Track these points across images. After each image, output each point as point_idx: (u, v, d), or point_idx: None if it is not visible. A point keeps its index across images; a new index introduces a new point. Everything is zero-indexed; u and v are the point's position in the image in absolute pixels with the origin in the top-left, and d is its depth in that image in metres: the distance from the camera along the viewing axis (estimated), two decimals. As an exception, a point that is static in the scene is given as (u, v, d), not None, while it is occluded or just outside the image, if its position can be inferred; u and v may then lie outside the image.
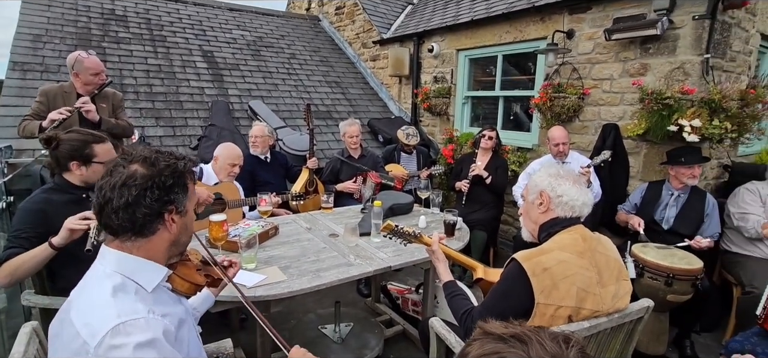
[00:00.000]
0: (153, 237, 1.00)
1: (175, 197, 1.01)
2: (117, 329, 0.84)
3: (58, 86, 2.87)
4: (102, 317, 0.86)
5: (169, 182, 0.99)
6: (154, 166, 0.98)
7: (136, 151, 1.00)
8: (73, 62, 2.78)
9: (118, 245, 0.98)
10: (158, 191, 0.97)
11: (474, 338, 0.66)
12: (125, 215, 0.94)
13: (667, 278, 2.44)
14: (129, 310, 0.89)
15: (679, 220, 2.89)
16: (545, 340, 0.60)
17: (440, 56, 5.27)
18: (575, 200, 1.46)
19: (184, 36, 5.60)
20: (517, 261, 1.34)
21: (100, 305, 0.89)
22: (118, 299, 0.90)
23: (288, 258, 2.11)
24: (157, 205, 0.97)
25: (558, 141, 3.28)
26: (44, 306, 1.75)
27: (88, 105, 2.68)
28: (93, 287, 0.94)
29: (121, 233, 0.97)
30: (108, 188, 0.95)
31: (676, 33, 3.08)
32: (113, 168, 0.98)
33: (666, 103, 2.91)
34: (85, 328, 0.86)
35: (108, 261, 0.97)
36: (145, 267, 0.99)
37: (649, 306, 1.49)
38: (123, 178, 0.95)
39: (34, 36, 4.44)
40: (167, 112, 4.38)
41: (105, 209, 0.95)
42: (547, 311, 1.30)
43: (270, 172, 3.56)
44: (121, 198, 0.94)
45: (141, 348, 0.85)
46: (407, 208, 3.02)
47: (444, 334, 1.66)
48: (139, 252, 0.99)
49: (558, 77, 3.88)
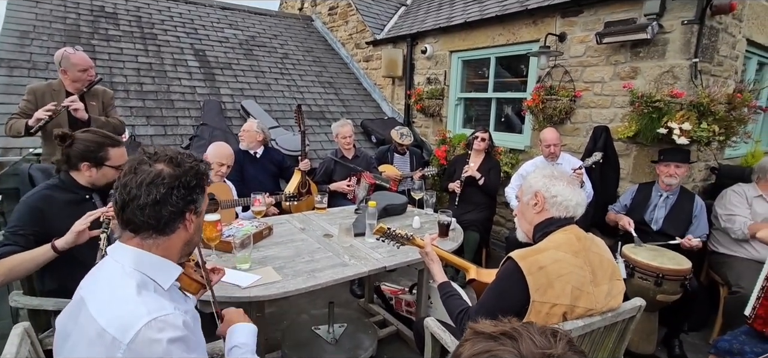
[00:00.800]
0: (172, 236, 1.02)
1: (197, 197, 1.04)
2: (150, 324, 0.87)
3: (46, 84, 2.82)
4: (132, 314, 0.88)
5: (193, 183, 1.02)
6: (179, 166, 1.01)
7: (160, 151, 1.02)
8: (60, 59, 2.73)
9: (137, 243, 0.99)
10: (184, 190, 1.00)
11: (465, 338, 0.67)
12: (152, 212, 0.96)
13: (656, 278, 2.48)
14: (158, 306, 0.91)
15: (668, 221, 2.94)
16: (534, 334, 0.61)
17: (433, 58, 5.29)
18: (569, 200, 1.48)
19: (175, 34, 5.55)
20: (514, 260, 1.36)
21: (127, 302, 0.90)
22: (144, 296, 0.92)
23: (282, 258, 2.10)
24: (181, 204, 1.00)
25: (549, 143, 3.32)
26: (33, 307, 1.72)
27: (75, 103, 2.63)
28: (113, 284, 0.95)
29: (143, 230, 0.98)
30: (134, 186, 0.96)
31: (665, 37, 3.14)
32: (137, 166, 0.99)
33: (656, 106, 2.96)
34: (113, 325, 0.86)
35: (126, 258, 0.98)
36: (162, 265, 1.01)
37: (641, 305, 1.51)
38: (151, 176, 0.97)
39: (21, 32, 4.36)
40: (158, 111, 4.33)
41: (129, 206, 0.96)
42: (542, 309, 1.31)
43: (258, 168, 3.54)
44: (149, 195, 0.96)
45: (173, 343, 0.88)
46: (401, 209, 3.02)
47: (439, 334, 1.67)
48: (157, 251, 1.01)
49: (550, 80, 3.92)
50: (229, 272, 1.85)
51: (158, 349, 0.86)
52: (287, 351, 2.42)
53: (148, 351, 0.86)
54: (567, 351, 0.58)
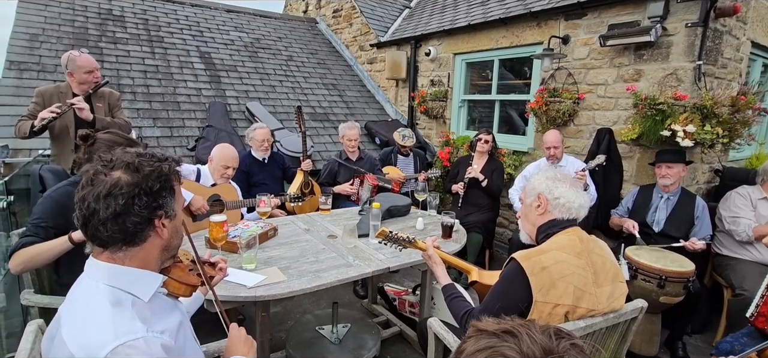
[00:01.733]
0: (145, 244, 0.95)
1: (164, 201, 0.96)
2: (116, 351, 0.80)
3: (54, 87, 2.87)
4: (99, 339, 0.82)
5: (156, 187, 0.94)
6: (138, 172, 0.93)
7: (116, 157, 0.95)
8: (66, 61, 2.78)
9: (108, 257, 0.93)
10: (146, 197, 0.92)
11: (468, 336, 0.68)
12: (114, 226, 0.90)
13: (659, 280, 2.48)
14: (127, 330, 0.84)
15: (669, 222, 2.94)
16: (535, 333, 0.63)
17: (437, 60, 5.32)
18: (572, 202, 1.50)
19: (181, 37, 5.60)
20: (516, 261, 1.37)
21: (96, 325, 0.84)
22: (114, 318, 0.86)
23: (287, 259, 2.12)
24: (146, 212, 0.93)
25: (550, 145, 3.33)
26: (43, 306, 1.76)
27: (80, 103, 2.67)
28: (86, 304, 0.89)
29: (111, 244, 0.92)
30: (92, 199, 0.89)
31: (669, 40, 3.14)
32: (93, 176, 0.92)
33: (659, 108, 2.97)
34: (81, 350, 0.81)
35: (99, 275, 0.92)
36: (139, 277, 0.95)
37: (643, 306, 1.53)
38: (107, 187, 0.89)
39: (30, 35, 4.42)
40: (164, 113, 4.38)
41: (91, 221, 0.90)
42: (544, 309, 1.33)
43: (266, 173, 3.57)
44: (108, 209, 0.89)
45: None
46: (404, 210, 3.04)
47: (442, 334, 1.68)
48: (131, 262, 0.94)
49: (554, 82, 3.93)
50: (235, 271, 1.88)
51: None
52: (291, 351, 2.44)
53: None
54: (569, 350, 0.60)
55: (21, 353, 1.02)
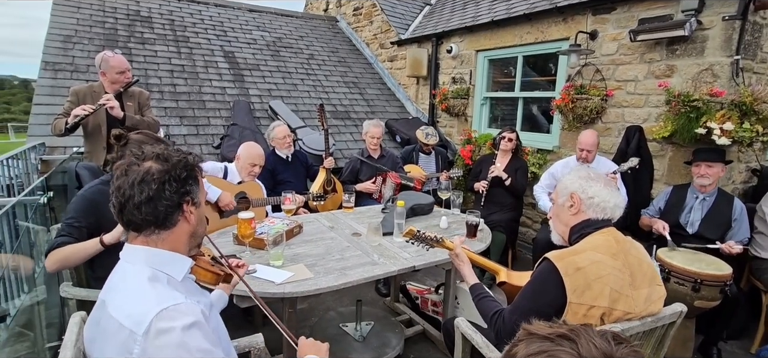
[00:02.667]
0: (175, 229, 1.04)
1: (191, 188, 1.06)
2: (161, 315, 0.88)
3: (87, 86, 2.97)
4: (144, 306, 0.90)
5: (184, 175, 1.04)
6: (167, 161, 1.03)
7: (146, 151, 1.04)
8: (100, 61, 2.87)
9: (143, 241, 1.02)
10: (175, 183, 1.02)
11: (519, 339, 0.67)
12: (148, 209, 0.99)
13: (694, 284, 2.39)
14: (168, 296, 0.93)
15: (704, 224, 2.83)
16: (594, 337, 0.61)
17: (459, 57, 5.26)
18: (607, 201, 1.46)
19: (206, 37, 5.72)
20: (550, 261, 1.34)
21: (139, 296, 0.93)
22: (154, 289, 0.95)
23: (313, 256, 2.13)
24: (176, 197, 1.02)
25: (583, 147, 3.22)
26: (81, 298, 1.81)
27: (111, 102, 2.74)
28: (126, 282, 0.98)
29: (145, 228, 1.01)
30: (127, 187, 0.98)
31: (704, 34, 3.02)
32: (127, 167, 1.01)
33: (694, 105, 2.86)
34: (129, 319, 0.89)
35: (136, 258, 1.01)
36: (172, 258, 1.04)
37: (682, 311, 1.47)
38: (140, 175, 0.99)
39: (64, 37, 4.59)
40: (191, 111, 4.48)
41: (127, 207, 0.99)
42: (579, 311, 1.30)
43: (290, 172, 3.60)
44: (142, 193, 0.98)
45: (188, 330, 0.89)
46: (428, 208, 3.02)
47: (470, 334, 1.66)
48: (164, 245, 1.03)
49: (580, 78, 3.83)
50: (263, 268, 1.91)
51: (172, 338, 0.87)
52: (316, 347, 2.46)
53: (163, 340, 0.86)
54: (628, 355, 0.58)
55: (67, 344, 1.06)
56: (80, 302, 1.82)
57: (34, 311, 2.25)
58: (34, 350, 2.19)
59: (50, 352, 2.22)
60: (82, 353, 1.10)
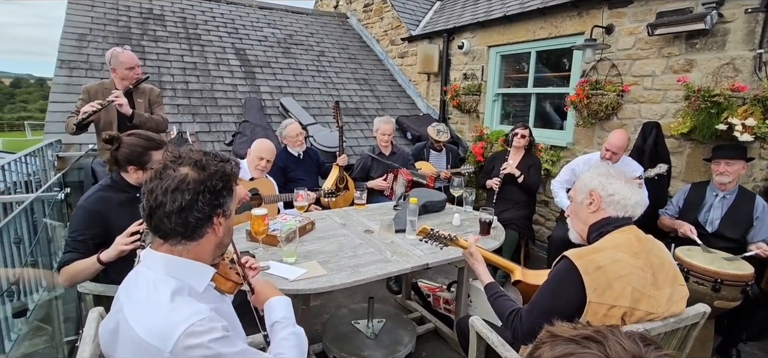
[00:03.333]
0: (201, 240, 1.00)
1: (223, 200, 1.01)
2: (188, 331, 0.86)
3: (98, 83, 2.97)
4: (170, 322, 0.87)
5: (219, 186, 0.99)
6: (204, 170, 0.97)
7: (184, 154, 1.00)
8: (110, 58, 2.87)
9: (167, 249, 0.98)
10: (209, 195, 0.97)
11: (541, 341, 0.65)
12: (178, 219, 0.94)
13: (714, 284, 2.33)
14: (193, 311, 0.90)
15: (724, 222, 2.76)
16: (622, 339, 0.59)
17: (470, 53, 5.21)
18: (628, 199, 1.42)
19: (217, 34, 5.75)
20: (569, 259, 1.32)
21: (164, 311, 0.89)
22: (179, 303, 0.91)
23: (326, 253, 2.13)
24: (208, 209, 0.97)
25: (609, 147, 3.10)
26: (98, 293, 1.83)
27: (120, 98, 2.73)
28: (148, 292, 0.93)
29: (171, 237, 0.97)
30: (160, 192, 0.94)
31: (725, 27, 2.94)
32: (162, 171, 0.96)
33: (714, 100, 2.79)
34: (153, 335, 0.86)
35: (157, 264, 0.97)
36: (194, 269, 1.00)
37: (705, 312, 1.43)
38: (176, 182, 0.94)
39: (79, 35, 4.65)
40: (203, 108, 4.51)
41: (156, 213, 0.95)
42: (599, 310, 1.27)
43: (301, 169, 3.60)
44: (175, 203, 0.93)
45: (216, 342, 0.87)
46: (440, 206, 3.00)
47: (485, 333, 1.64)
48: (188, 255, 0.99)
49: (595, 74, 3.77)
50: (276, 265, 1.91)
51: (201, 352, 0.85)
52: (328, 344, 2.46)
53: (194, 354, 0.85)
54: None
55: (86, 339, 1.06)
56: (97, 297, 1.85)
57: (52, 305, 2.29)
58: (52, 343, 2.23)
59: (68, 346, 2.26)
60: (100, 349, 1.10)
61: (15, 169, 2.52)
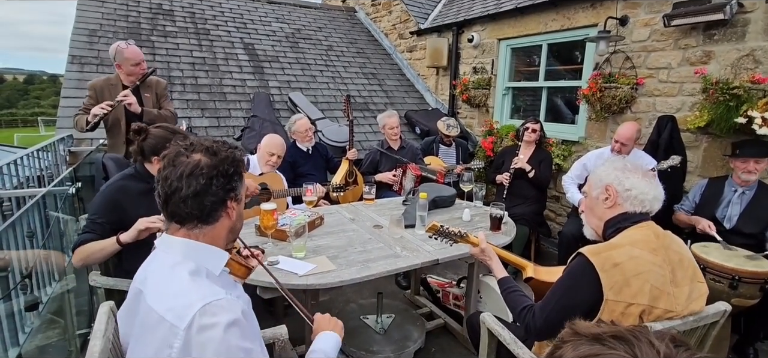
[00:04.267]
0: (216, 224, 1.02)
1: (235, 184, 1.04)
2: (204, 309, 0.87)
3: (104, 79, 2.95)
4: (186, 301, 0.89)
5: (231, 171, 1.02)
6: (216, 155, 1.01)
7: (195, 142, 1.03)
8: (114, 53, 2.84)
9: (184, 233, 1.00)
10: (222, 178, 1.00)
11: (563, 340, 0.62)
12: (194, 203, 0.97)
13: (732, 281, 2.28)
14: (210, 292, 0.91)
15: (743, 218, 2.68)
16: (652, 339, 0.56)
17: (480, 46, 5.15)
18: (645, 193, 1.38)
19: (226, 29, 5.75)
20: (585, 256, 1.28)
21: (181, 290, 0.92)
22: (196, 283, 0.94)
23: (335, 248, 2.12)
24: (222, 192, 1.00)
25: (618, 138, 3.06)
26: (109, 287, 1.84)
27: (129, 98, 2.74)
28: (166, 274, 0.96)
29: (188, 221, 0.99)
30: (175, 178, 0.97)
31: (745, 17, 2.85)
32: (175, 158, 0.99)
33: (734, 93, 2.70)
34: (170, 312, 0.88)
35: (174, 250, 0.99)
36: (211, 253, 1.02)
37: (726, 310, 1.39)
38: (190, 167, 0.97)
39: (89, 31, 4.68)
40: (212, 103, 4.52)
41: (172, 199, 0.97)
42: (616, 309, 1.23)
43: (311, 164, 3.59)
44: (190, 187, 0.96)
45: (230, 327, 0.88)
46: (450, 201, 2.97)
47: (497, 330, 1.62)
48: (204, 239, 1.01)
49: (609, 66, 3.69)
50: (286, 260, 1.90)
51: (215, 334, 0.86)
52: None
53: (206, 336, 0.85)
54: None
55: (96, 333, 1.06)
56: (108, 290, 1.86)
57: (64, 298, 2.32)
58: (65, 336, 2.25)
59: (80, 338, 2.28)
60: (110, 343, 1.10)
61: (27, 164, 2.54)
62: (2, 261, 1.93)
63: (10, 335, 1.98)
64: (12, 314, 1.99)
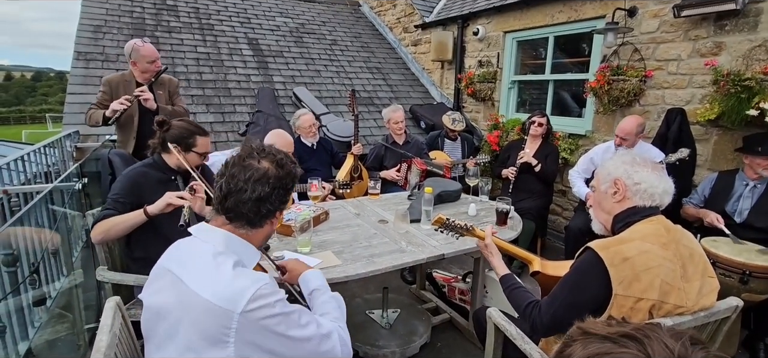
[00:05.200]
0: (261, 229, 1.09)
1: (287, 198, 1.11)
2: (256, 293, 0.93)
3: (119, 75, 2.99)
4: (238, 287, 0.94)
5: (290, 185, 1.10)
6: (282, 168, 1.08)
7: (267, 148, 1.09)
8: (130, 51, 2.87)
9: (230, 228, 1.06)
10: (282, 191, 1.07)
11: (572, 339, 0.60)
12: (254, 206, 1.03)
13: (742, 276, 2.25)
14: (257, 277, 0.97)
15: (754, 213, 2.64)
16: (666, 338, 0.54)
17: (486, 39, 5.10)
18: (655, 187, 1.36)
19: (230, 24, 5.74)
20: (594, 250, 1.26)
21: (229, 276, 0.96)
22: (242, 272, 0.99)
23: (340, 243, 2.11)
24: (277, 203, 1.07)
25: (618, 133, 3.03)
26: (116, 282, 1.86)
27: (146, 93, 2.77)
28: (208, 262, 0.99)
29: (239, 220, 1.05)
30: (242, 179, 1.02)
31: (758, 7, 2.79)
32: (246, 158, 1.05)
33: (745, 85, 2.65)
34: (219, 298, 0.92)
35: (216, 239, 1.04)
36: (247, 249, 1.08)
37: (737, 306, 1.37)
38: (259, 174, 1.03)
39: (94, 27, 4.69)
40: (217, 99, 4.52)
41: (233, 196, 1.02)
42: (625, 304, 1.22)
43: (316, 159, 3.59)
44: (254, 192, 1.02)
45: (281, 303, 0.97)
46: (455, 195, 2.95)
47: (504, 325, 1.60)
48: (245, 238, 1.08)
49: (617, 59, 3.64)
50: (291, 255, 1.89)
51: (272, 309, 0.93)
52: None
53: (263, 313, 0.92)
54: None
55: (103, 327, 1.06)
56: (115, 286, 1.87)
57: (72, 293, 2.34)
58: (74, 330, 2.28)
59: (89, 333, 2.31)
60: (117, 337, 1.10)
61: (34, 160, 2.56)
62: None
63: (20, 330, 2.00)
64: (21, 308, 2.01)
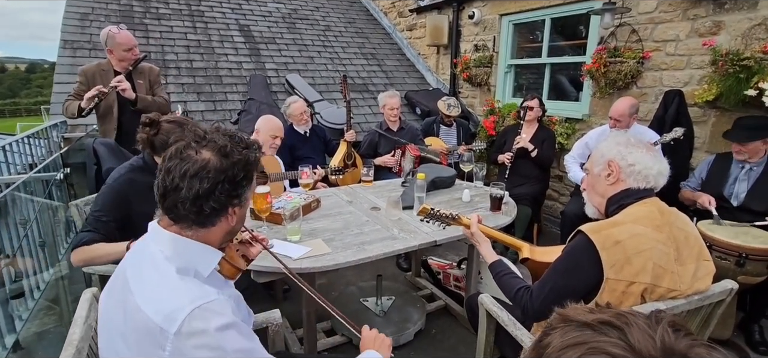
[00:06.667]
0: (213, 228, 0.96)
1: (241, 190, 0.97)
2: (193, 314, 0.82)
3: (95, 65, 2.89)
4: (175, 303, 0.84)
5: (240, 177, 0.94)
6: (227, 158, 0.93)
7: (210, 135, 0.95)
8: (105, 38, 2.77)
9: (176, 230, 0.94)
10: (228, 185, 0.92)
11: (552, 326, 0.56)
12: (193, 206, 0.90)
13: (738, 258, 2.22)
14: (200, 293, 0.86)
15: (751, 195, 2.61)
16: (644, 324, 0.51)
17: (482, 23, 5.01)
18: (650, 168, 1.32)
19: (221, 10, 5.63)
20: (585, 234, 1.23)
21: (169, 292, 0.86)
22: (185, 283, 0.89)
23: (331, 231, 2.08)
24: (224, 198, 0.93)
25: (612, 114, 2.98)
26: (102, 273, 1.82)
27: (123, 83, 2.68)
28: (155, 270, 0.91)
29: (182, 221, 0.93)
30: (178, 175, 0.89)
31: (758, -16, 2.73)
32: (183, 150, 0.92)
33: (744, 64, 2.60)
34: (158, 314, 0.83)
35: (164, 243, 0.93)
36: (202, 251, 0.96)
37: (732, 289, 1.34)
38: (195, 167, 0.90)
39: (81, 15, 4.59)
40: (208, 87, 4.45)
41: (170, 196, 0.90)
42: (617, 288, 1.19)
43: (309, 147, 3.54)
44: (191, 190, 0.89)
45: (222, 330, 0.83)
46: (449, 181, 2.91)
47: (495, 311, 1.58)
48: (196, 238, 0.96)
49: (614, 40, 3.57)
50: (280, 243, 1.86)
51: (207, 340, 0.81)
52: (337, 322, 2.44)
53: (197, 341, 0.81)
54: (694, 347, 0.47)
55: (77, 320, 1.03)
56: (102, 277, 1.83)
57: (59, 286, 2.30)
58: (62, 323, 2.25)
59: (78, 325, 2.28)
60: (92, 330, 1.07)
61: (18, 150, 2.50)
62: None
63: (6, 322, 1.97)
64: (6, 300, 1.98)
